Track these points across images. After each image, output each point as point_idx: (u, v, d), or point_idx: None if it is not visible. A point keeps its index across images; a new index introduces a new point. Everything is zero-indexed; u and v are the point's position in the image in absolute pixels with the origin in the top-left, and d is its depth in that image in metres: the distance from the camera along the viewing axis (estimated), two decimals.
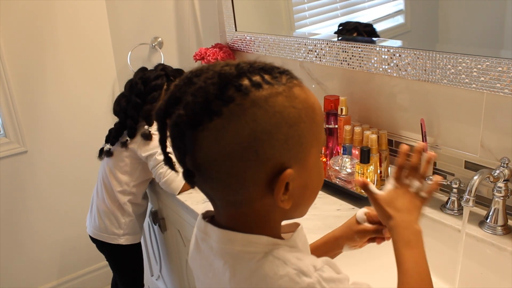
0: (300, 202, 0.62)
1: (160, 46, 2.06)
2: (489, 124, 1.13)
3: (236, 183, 0.56)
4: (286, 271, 0.56)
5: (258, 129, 0.53)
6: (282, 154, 0.55)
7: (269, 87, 0.55)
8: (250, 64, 0.57)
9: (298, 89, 0.58)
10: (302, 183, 0.59)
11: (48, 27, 1.91)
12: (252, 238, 0.59)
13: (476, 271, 1.08)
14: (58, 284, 2.23)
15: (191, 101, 0.54)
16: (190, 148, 0.55)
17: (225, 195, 0.59)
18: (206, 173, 0.56)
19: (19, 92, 1.91)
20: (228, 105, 0.53)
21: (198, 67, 0.58)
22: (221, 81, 0.54)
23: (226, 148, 0.53)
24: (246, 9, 1.81)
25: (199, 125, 0.54)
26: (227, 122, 0.53)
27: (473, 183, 0.99)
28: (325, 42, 1.46)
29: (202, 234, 0.64)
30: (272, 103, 0.54)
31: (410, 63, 1.22)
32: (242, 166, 0.54)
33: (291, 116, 0.55)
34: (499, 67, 1.03)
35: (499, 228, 1.07)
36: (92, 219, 1.62)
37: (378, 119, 1.41)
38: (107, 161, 1.57)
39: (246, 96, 0.54)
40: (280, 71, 0.58)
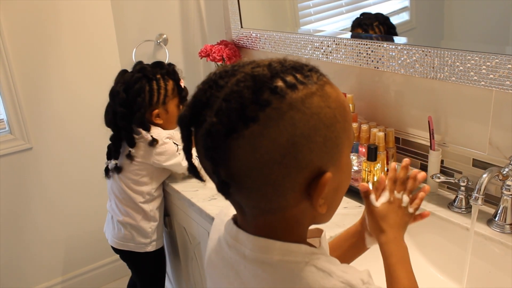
0: (332, 205, 0.60)
1: (165, 43, 2.05)
2: (497, 122, 1.12)
3: (273, 191, 0.53)
4: (332, 283, 0.54)
5: (297, 133, 0.51)
6: (320, 158, 0.53)
7: (304, 87, 0.52)
8: (281, 63, 0.54)
9: (329, 87, 0.55)
10: (336, 185, 0.58)
11: (53, 24, 1.90)
12: (291, 247, 0.57)
13: (484, 269, 1.08)
14: (62, 280, 2.23)
15: (224, 107, 0.51)
16: (224, 159, 0.52)
17: (259, 204, 0.56)
18: (241, 183, 0.53)
19: (24, 89, 1.91)
20: (265, 110, 0.50)
21: (221, 68, 0.55)
22: (255, 84, 0.51)
23: (264, 156, 0.51)
24: (251, 5, 1.80)
25: (234, 133, 0.50)
26: (264, 128, 0.50)
27: (482, 181, 0.99)
28: (332, 39, 1.45)
29: (232, 240, 0.61)
30: (309, 104, 0.52)
31: (418, 60, 1.21)
32: (281, 173, 0.52)
33: (328, 116, 0.53)
34: (508, 65, 1.02)
35: (508, 226, 1.07)
36: (115, 230, 1.57)
37: (385, 117, 1.40)
38: (118, 177, 1.50)
39: (282, 99, 0.51)
40: (309, 69, 0.55)
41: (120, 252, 1.61)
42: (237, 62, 0.56)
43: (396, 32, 1.32)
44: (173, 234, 1.69)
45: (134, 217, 1.52)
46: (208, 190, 1.43)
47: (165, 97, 1.47)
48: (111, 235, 1.59)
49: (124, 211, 1.52)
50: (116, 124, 1.45)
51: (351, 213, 1.20)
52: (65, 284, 2.24)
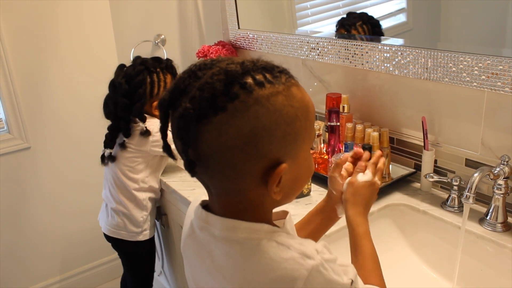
0: (289, 192, 0.66)
1: (163, 43, 2.07)
2: (489, 122, 1.14)
3: (234, 174, 0.59)
4: (290, 255, 0.60)
5: (259, 126, 0.57)
6: (278, 150, 0.59)
7: (271, 86, 0.58)
8: (253, 63, 0.60)
9: (295, 88, 0.61)
10: (293, 176, 0.63)
11: (52, 24, 1.92)
12: (255, 226, 0.63)
13: (475, 267, 1.09)
14: (60, 279, 2.24)
15: (198, 95, 0.57)
16: (193, 140, 0.58)
17: (222, 185, 0.62)
18: (206, 163, 0.59)
19: (23, 89, 1.92)
20: (233, 102, 0.56)
21: (201, 61, 0.61)
22: (227, 78, 0.57)
23: (228, 142, 0.57)
24: (249, 7, 1.82)
25: (204, 119, 0.56)
26: (231, 118, 0.56)
27: (473, 180, 1.00)
28: (328, 40, 1.47)
29: (202, 222, 0.67)
30: (273, 101, 0.57)
31: (412, 62, 1.23)
32: (241, 159, 0.58)
33: (289, 114, 0.59)
34: (500, 66, 1.04)
35: (499, 225, 1.08)
36: (108, 218, 1.61)
37: (379, 117, 1.42)
38: (114, 165, 1.55)
39: (250, 94, 0.57)
40: (279, 70, 0.61)
41: (112, 240, 1.64)
42: (216, 57, 0.63)
43: (382, 30, 1.34)
44: (170, 232, 1.71)
45: (126, 205, 1.56)
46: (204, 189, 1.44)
47: (164, 90, 1.50)
48: (105, 223, 1.63)
49: (117, 199, 1.57)
50: (116, 115, 1.50)
51: None
52: (62, 283, 2.24)
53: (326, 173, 1.38)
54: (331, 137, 1.43)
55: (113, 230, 1.60)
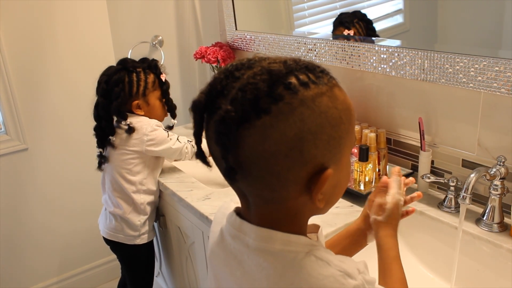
0: (330, 200, 0.63)
1: (161, 44, 2.07)
2: (486, 123, 1.14)
3: (277, 181, 0.56)
4: (330, 272, 0.57)
5: (305, 129, 0.53)
6: (323, 155, 0.56)
7: (315, 87, 0.55)
8: (295, 62, 0.57)
9: (337, 89, 0.58)
10: (335, 182, 0.60)
11: (49, 25, 1.92)
12: (292, 238, 0.59)
13: (472, 268, 1.10)
14: (58, 280, 2.24)
15: (240, 96, 0.53)
16: (234, 145, 0.54)
17: (262, 193, 0.58)
18: (247, 170, 0.56)
19: (20, 90, 1.92)
20: (278, 103, 0.53)
21: (237, 61, 0.58)
22: (271, 78, 0.54)
23: (272, 147, 0.53)
24: (246, 8, 1.82)
25: (247, 122, 0.53)
26: (275, 121, 0.53)
27: (469, 181, 1.01)
28: (325, 41, 1.47)
29: (235, 230, 0.63)
30: (318, 103, 0.54)
31: (409, 63, 1.23)
32: (286, 165, 0.54)
33: (334, 117, 0.56)
34: (496, 67, 1.04)
35: (496, 225, 1.09)
36: (106, 221, 1.61)
37: (376, 118, 1.42)
38: (111, 168, 1.55)
39: (295, 95, 0.53)
40: (321, 70, 0.58)
41: (111, 243, 1.64)
42: (253, 57, 0.59)
43: (374, 27, 1.35)
44: (168, 233, 1.71)
45: (124, 209, 1.56)
46: (202, 190, 1.45)
47: (145, 89, 1.53)
48: (103, 226, 1.63)
49: (115, 202, 1.57)
50: (98, 115, 1.52)
51: (342, 213, 1.22)
52: (61, 284, 2.24)
53: None
54: None
55: (111, 233, 1.61)
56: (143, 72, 1.54)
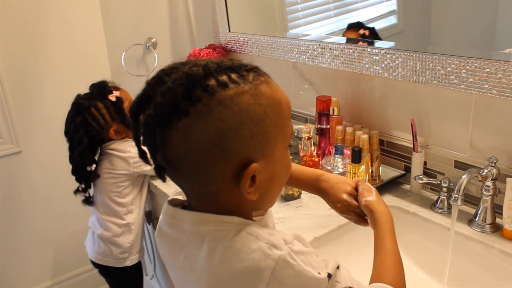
0: (267, 193, 0.64)
1: (154, 46, 2.07)
2: (478, 124, 1.15)
3: (204, 177, 0.59)
4: (258, 245, 0.59)
5: (224, 127, 0.56)
6: (248, 150, 0.58)
7: (235, 86, 0.57)
8: (217, 64, 0.59)
9: (264, 86, 0.60)
10: (269, 175, 0.62)
11: (42, 27, 1.91)
12: (224, 218, 0.62)
13: (464, 268, 1.10)
14: (52, 284, 2.23)
15: (160, 101, 0.57)
16: (160, 146, 0.58)
17: (195, 188, 0.62)
18: (176, 168, 0.60)
19: (13, 93, 1.91)
20: (196, 105, 0.56)
21: (170, 65, 0.61)
22: (188, 82, 0.57)
23: (194, 146, 0.56)
24: (239, 9, 1.82)
25: (169, 124, 0.57)
26: (194, 121, 0.56)
27: (461, 182, 1.01)
28: (318, 43, 1.47)
29: (170, 219, 0.67)
30: (237, 102, 0.57)
31: (401, 64, 1.24)
32: (210, 161, 0.57)
33: (257, 113, 0.58)
34: (487, 68, 1.05)
35: (488, 226, 1.09)
36: (95, 245, 1.59)
37: (369, 119, 1.43)
38: (99, 193, 1.54)
39: (212, 96, 0.56)
40: (247, 69, 0.60)
41: (99, 266, 1.62)
42: (186, 60, 0.62)
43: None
44: None
45: (114, 231, 1.54)
46: None
47: (111, 115, 1.50)
48: (92, 250, 1.61)
49: (104, 225, 1.55)
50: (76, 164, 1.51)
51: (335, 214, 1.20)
52: (55, 287, 2.23)
53: None
54: (322, 140, 1.44)
55: (100, 257, 1.58)
56: (99, 101, 1.50)
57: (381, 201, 0.84)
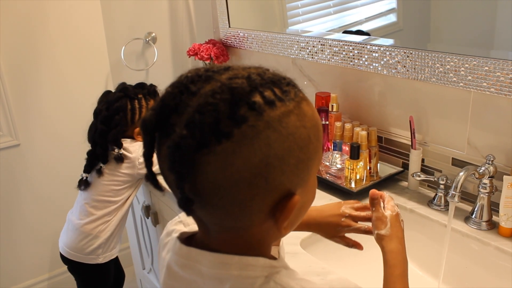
0: (294, 223, 0.58)
1: (154, 41, 2.07)
2: (475, 122, 1.16)
3: (239, 211, 0.50)
4: None
5: (271, 154, 0.48)
6: (291, 180, 0.51)
7: (282, 105, 0.49)
8: (260, 75, 0.50)
9: (305, 104, 0.52)
10: (301, 205, 0.55)
11: (41, 21, 1.91)
12: (249, 261, 0.54)
13: (461, 265, 1.11)
14: (49, 277, 2.23)
15: (197, 119, 0.47)
16: (191, 174, 0.48)
17: (222, 222, 0.53)
18: (206, 200, 0.50)
19: (12, 86, 1.91)
20: (241, 126, 0.47)
21: (193, 71, 0.52)
22: (233, 98, 0.47)
23: (234, 175, 0.47)
24: (239, 5, 1.82)
25: (205, 148, 0.47)
26: (238, 146, 0.47)
27: (458, 179, 1.02)
28: (318, 39, 1.48)
29: (183, 260, 0.57)
30: (285, 124, 0.49)
31: (400, 62, 1.24)
32: (249, 194, 0.49)
33: (302, 137, 0.50)
34: (485, 67, 1.05)
35: (484, 223, 1.10)
36: (68, 239, 1.56)
37: (368, 116, 1.43)
38: (90, 190, 1.53)
39: (260, 116, 0.47)
40: (287, 83, 0.52)
41: (70, 262, 1.59)
42: (210, 66, 0.53)
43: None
44: (160, 230, 1.71)
45: (95, 228, 1.53)
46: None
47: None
48: (64, 244, 1.58)
49: (85, 213, 1.53)
50: (94, 141, 1.50)
51: None
52: (51, 280, 2.24)
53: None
54: None
55: (72, 252, 1.56)
56: (144, 99, 1.53)
57: (395, 234, 0.77)
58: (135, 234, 1.92)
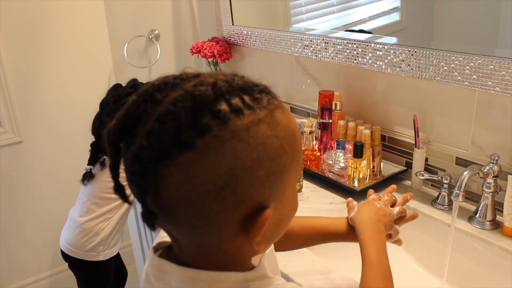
0: (271, 238, 0.55)
1: (157, 38, 2.06)
2: (480, 121, 1.15)
3: (205, 226, 0.48)
4: None
5: (237, 166, 0.45)
6: (261, 193, 0.48)
7: (251, 113, 0.46)
8: (228, 82, 0.48)
9: (279, 112, 0.49)
10: (277, 220, 0.52)
11: (44, 18, 1.91)
12: (219, 277, 0.51)
13: (464, 264, 1.10)
14: (51, 274, 2.24)
15: (157, 129, 0.45)
16: (152, 186, 0.46)
17: (190, 237, 0.51)
18: (169, 214, 0.48)
19: (15, 82, 1.91)
20: (203, 136, 0.44)
21: (161, 79, 0.50)
22: (195, 105, 0.45)
23: (198, 188, 0.45)
24: (243, 3, 1.82)
25: (166, 159, 0.44)
26: (200, 157, 0.44)
27: (462, 178, 1.01)
28: (321, 37, 1.47)
29: (156, 271, 0.55)
30: (254, 133, 0.46)
31: (404, 60, 1.24)
32: (215, 208, 0.46)
33: (274, 147, 0.47)
34: (490, 65, 1.05)
35: (488, 223, 1.09)
36: (69, 236, 1.56)
37: (371, 115, 1.43)
38: (92, 185, 1.52)
39: (225, 125, 0.45)
40: (260, 90, 0.49)
41: (70, 259, 1.59)
42: (180, 74, 0.50)
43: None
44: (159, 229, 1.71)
45: (98, 225, 1.52)
46: None
47: None
48: (65, 241, 1.57)
49: (90, 216, 1.53)
50: (99, 133, 1.49)
51: (336, 209, 1.22)
52: (53, 277, 2.24)
53: (317, 170, 1.39)
54: (323, 134, 1.44)
55: (72, 249, 1.55)
56: None
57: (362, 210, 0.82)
58: (137, 231, 1.91)
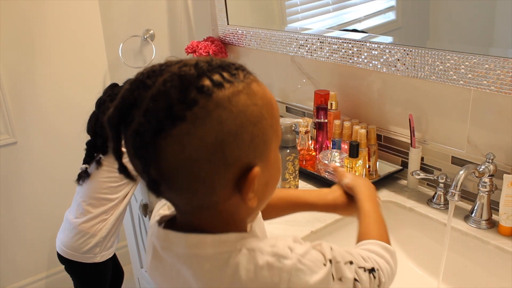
0: (262, 197, 0.62)
1: (152, 38, 2.06)
2: (475, 121, 1.15)
3: (204, 188, 0.55)
4: (264, 259, 0.56)
5: (224, 131, 0.52)
6: (247, 154, 0.55)
7: (230, 86, 0.54)
8: (207, 62, 0.55)
9: (255, 84, 0.57)
10: (265, 179, 0.59)
11: (39, 18, 1.90)
12: (221, 238, 0.58)
13: (460, 263, 1.11)
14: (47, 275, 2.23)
15: (152, 107, 0.52)
16: (154, 157, 0.53)
17: (191, 201, 0.57)
18: (171, 181, 0.54)
19: (10, 84, 1.90)
20: (192, 109, 0.51)
21: (149, 68, 0.56)
22: (182, 84, 0.52)
23: (193, 154, 0.52)
24: (238, 2, 1.81)
25: (162, 132, 0.51)
26: (192, 127, 0.51)
27: (458, 178, 1.01)
28: (317, 37, 1.47)
29: (162, 242, 0.62)
30: (235, 102, 0.53)
31: (400, 59, 1.24)
32: (210, 170, 0.53)
33: (254, 114, 0.55)
34: (486, 65, 1.05)
35: (484, 222, 1.09)
36: (65, 238, 1.55)
37: (367, 114, 1.42)
38: (88, 186, 1.51)
39: (209, 97, 0.52)
40: (236, 67, 0.57)
41: (67, 262, 1.58)
42: (164, 62, 0.57)
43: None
44: None
45: (94, 226, 1.51)
46: None
47: None
48: (61, 243, 1.56)
49: (86, 218, 1.52)
50: (95, 131, 1.49)
51: None
52: (50, 279, 2.23)
53: (313, 169, 1.39)
54: (319, 134, 1.44)
55: (69, 251, 1.54)
56: None
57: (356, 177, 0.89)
58: (133, 232, 1.91)
